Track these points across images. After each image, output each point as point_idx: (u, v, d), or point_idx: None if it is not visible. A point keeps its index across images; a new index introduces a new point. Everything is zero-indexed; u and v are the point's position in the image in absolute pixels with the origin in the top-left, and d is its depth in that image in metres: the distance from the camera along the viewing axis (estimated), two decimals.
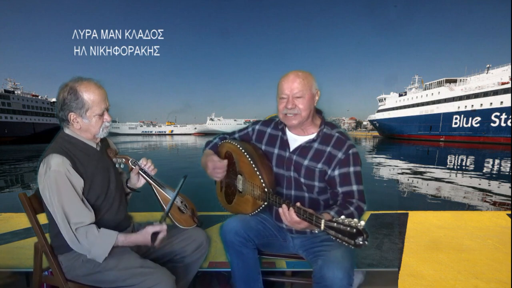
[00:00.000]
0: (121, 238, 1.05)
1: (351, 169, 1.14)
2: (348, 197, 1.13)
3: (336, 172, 1.15)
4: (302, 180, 1.20)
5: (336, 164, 1.15)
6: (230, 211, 1.41)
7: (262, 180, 1.17)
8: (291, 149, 1.24)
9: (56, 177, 0.99)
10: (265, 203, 1.17)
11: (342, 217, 0.84)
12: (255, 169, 1.20)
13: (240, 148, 1.28)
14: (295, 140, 1.25)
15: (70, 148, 1.08)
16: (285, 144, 1.26)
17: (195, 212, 1.36)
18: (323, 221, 0.88)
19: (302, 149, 1.22)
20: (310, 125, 1.24)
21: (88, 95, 1.06)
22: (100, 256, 1.03)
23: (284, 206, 1.02)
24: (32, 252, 1.11)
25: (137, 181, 1.27)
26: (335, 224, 0.84)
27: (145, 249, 1.24)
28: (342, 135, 1.20)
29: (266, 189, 1.16)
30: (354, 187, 1.13)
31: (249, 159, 1.23)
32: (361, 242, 0.77)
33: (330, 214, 1.03)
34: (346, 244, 0.81)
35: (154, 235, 1.07)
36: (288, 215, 1.00)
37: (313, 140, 1.21)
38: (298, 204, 0.99)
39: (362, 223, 0.79)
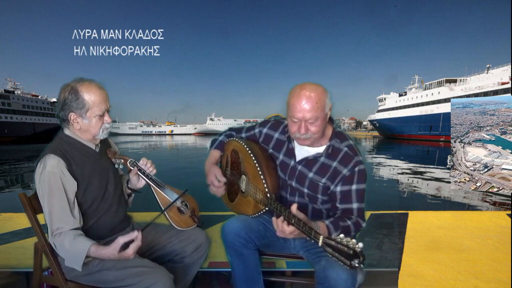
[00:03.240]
0: (92, 249, 0.99)
1: (354, 186, 1.11)
2: (347, 213, 1.11)
3: (338, 189, 1.12)
4: (305, 190, 1.19)
5: (340, 180, 1.12)
6: (231, 209, 1.41)
7: (265, 185, 1.16)
8: (297, 159, 1.21)
9: (50, 178, 0.99)
10: (266, 209, 1.16)
11: (341, 235, 0.83)
12: (260, 173, 1.18)
13: (247, 149, 1.26)
14: (301, 150, 1.21)
15: (68, 149, 1.07)
16: (291, 153, 1.24)
17: (196, 211, 1.34)
18: (321, 237, 0.86)
19: (308, 161, 1.19)
20: (320, 137, 1.17)
21: (89, 95, 1.06)
22: (73, 265, 1.00)
23: (277, 219, 1.00)
24: (32, 252, 1.11)
25: (137, 182, 1.27)
26: (333, 242, 0.82)
27: (145, 248, 1.23)
28: (350, 150, 1.14)
29: (268, 195, 1.14)
30: (355, 205, 1.11)
31: (255, 161, 1.21)
32: (356, 265, 0.77)
33: (324, 223, 1.02)
34: (341, 264, 0.80)
35: (127, 244, 0.99)
36: (280, 227, 0.98)
37: (321, 155, 1.17)
38: (294, 212, 0.96)
39: (360, 245, 0.78)
